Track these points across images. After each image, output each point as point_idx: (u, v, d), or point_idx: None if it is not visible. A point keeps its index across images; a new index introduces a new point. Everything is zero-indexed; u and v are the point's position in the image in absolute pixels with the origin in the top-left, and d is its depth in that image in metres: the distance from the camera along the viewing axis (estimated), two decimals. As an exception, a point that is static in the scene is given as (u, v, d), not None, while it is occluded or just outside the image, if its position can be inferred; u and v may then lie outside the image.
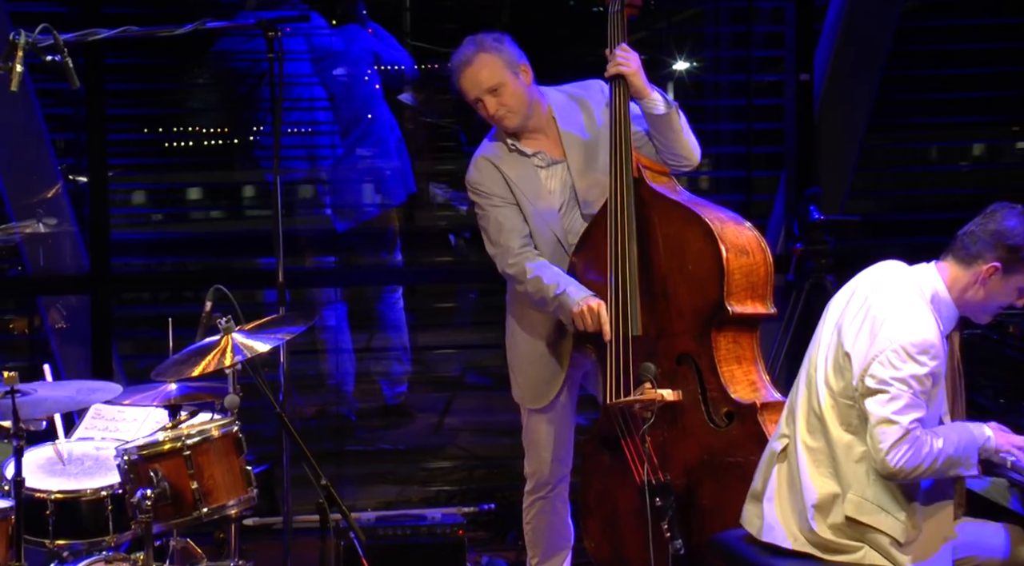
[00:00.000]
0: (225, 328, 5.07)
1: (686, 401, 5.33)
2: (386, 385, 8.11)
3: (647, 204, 5.42)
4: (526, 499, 5.86)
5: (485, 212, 5.62)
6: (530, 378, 5.71)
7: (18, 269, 7.36)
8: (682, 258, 5.37)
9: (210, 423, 5.16)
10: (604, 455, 5.54)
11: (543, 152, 5.60)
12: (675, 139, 5.49)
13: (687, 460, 5.34)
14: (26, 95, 7.07)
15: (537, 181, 5.57)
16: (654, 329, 5.38)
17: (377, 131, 8.07)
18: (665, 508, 5.17)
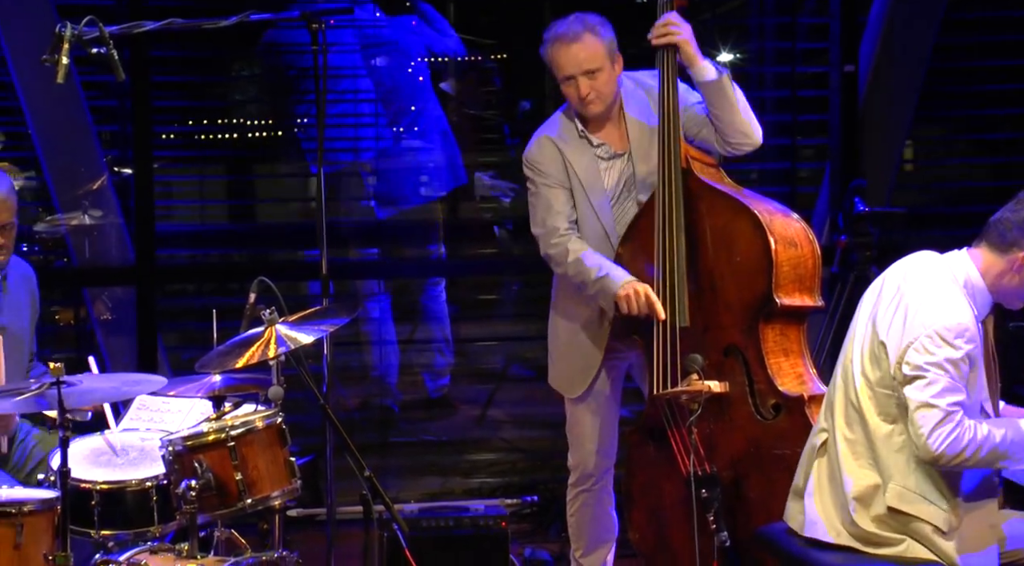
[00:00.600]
0: (269, 320, 5.07)
1: (733, 393, 5.31)
2: (428, 378, 8.11)
3: (695, 195, 5.40)
4: (570, 491, 5.85)
5: (537, 190, 5.60)
6: (565, 366, 5.69)
7: (64, 261, 7.39)
8: (730, 250, 5.35)
9: (254, 414, 5.15)
10: (649, 446, 5.52)
11: (607, 145, 5.58)
12: (731, 111, 5.43)
13: (733, 452, 5.32)
14: (72, 87, 7.10)
15: (596, 173, 5.56)
16: (701, 321, 5.37)
17: (423, 122, 8.07)
18: (711, 500, 5.16)
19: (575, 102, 5.52)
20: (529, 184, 5.64)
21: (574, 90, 5.49)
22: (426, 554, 5.53)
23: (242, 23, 5.29)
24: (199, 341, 6.57)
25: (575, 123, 5.59)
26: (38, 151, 7.30)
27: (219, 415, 5.17)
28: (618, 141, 5.59)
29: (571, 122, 5.61)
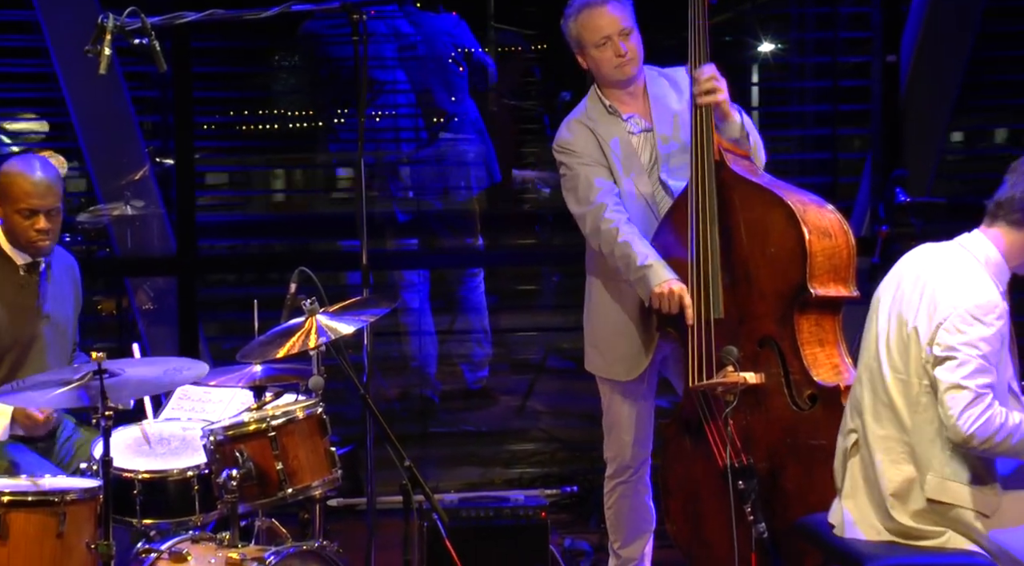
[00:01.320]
0: (310, 310, 5.07)
1: (769, 384, 5.29)
2: (467, 369, 8.12)
3: (728, 187, 5.38)
4: (607, 483, 5.83)
5: (573, 172, 5.59)
6: (620, 349, 5.65)
7: (106, 251, 7.41)
8: (764, 241, 5.33)
9: (295, 404, 5.16)
10: (686, 439, 5.51)
11: (637, 115, 5.60)
12: (744, 146, 5.51)
13: (770, 443, 5.31)
14: (114, 78, 7.13)
15: (631, 147, 5.57)
16: (736, 312, 5.35)
17: (460, 117, 8.07)
18: (748, 491, 5.15)
19: (611, 65, 5.54)
20: (563, 169, 5.63)
21: (611, 51, 5.52)
22: (466, 544, 5.53)
23: (283, 14, 5.30)
24: (240, 331, 6.58)
25: (602, 101, 5.62)
26: (81, 142, 7.33)
27: (260, 405, 5.19)
28: (645, 115, 5.62)
29: (598, 101, 5.63)
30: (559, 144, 5.64)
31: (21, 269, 5.47)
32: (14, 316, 5.44)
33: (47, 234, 5.41)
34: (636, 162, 5.57)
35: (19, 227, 5.40)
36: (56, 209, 5.45)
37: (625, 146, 5.58)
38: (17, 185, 5.40)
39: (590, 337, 5.77)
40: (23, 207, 5.38)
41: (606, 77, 5.59)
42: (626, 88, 5.61)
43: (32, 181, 5.40)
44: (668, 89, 5.65)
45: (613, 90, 5.62)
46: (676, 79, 5.66)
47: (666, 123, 5.60)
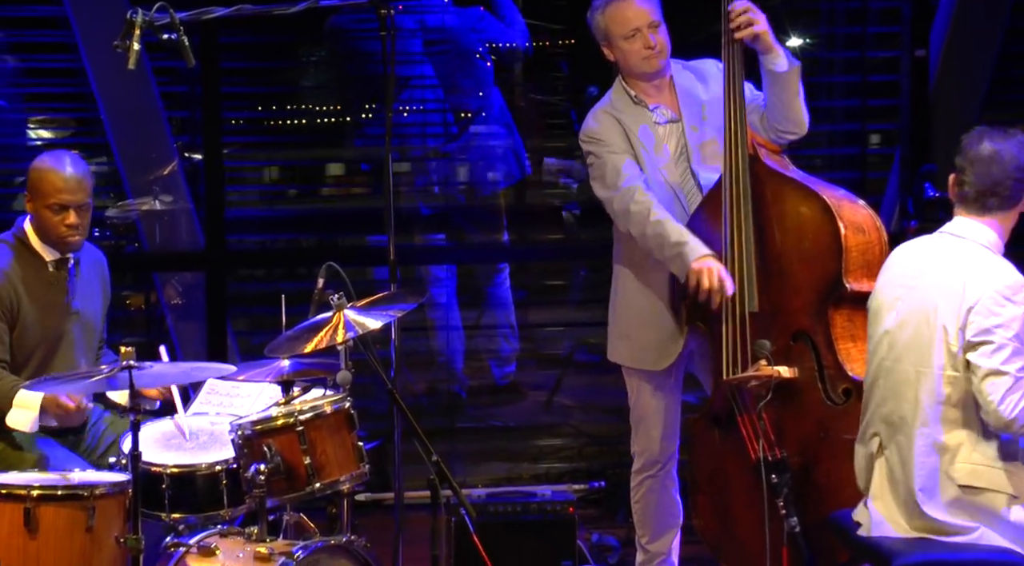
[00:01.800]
0: (337, 305, 5.07)
1: (802, 378, 5.29)
2: (495, 365, 8.11)
3: (762, 181, 5.38)
4: (634, 478, 5.82)
5: (601, 159, 5.58)
6: (648, 338, 5.64)
7: (135, 246, 7.43)
8: (799, 235, 5.33)
9: (322, 399, 5.16)
10: (715, 433, 5.50)
11: (663, 107, 5.59)
12: (790, 101, 5.45)
13: (803, 437, 5.30)
14: (143, 73, 7.14)
15: (656, 137, 5.57)
16: (769, 307, 5.34)
17: (487, 111, 8.06)
18: (781, 485, 5.14)
19: (639, 57, 5.54)
20: (590, 157, 5.63)
21: (640, 43, 5.53)
22: (493, 539, 5.53)
23: (311, 9, 5.30)
24: (268, 326, 6.59)
25: (627, 92, 5.62)
26: (109, 137, 7.34)
27: (288, 400, 5.19)
28: (671, 106, 5.62)
29: (624, 92, 5.64)
30: (585, 133, 5.64)
31: (50, 265, 5.49)
32: (43, 313, 5.45)
33: (77, 229, 5.42)
34: (663, 151, 5.58)
35: (49, 222, 5.41)
36: (86, 205, 5.46)
37: (650, 136, 5.58)
38: (48, 180, 5.41)
39: (617, 327, 5.75)
40: (53, 202, 5.39)
41: (634, 69, 5.59)
42: (653, 80, 5.61)
43: (63, 177, 5.41)
44: (695, 81, 5.65)
45: (639, 82, 5.62)
46: (703, 71, 5.67)
47: (694, 114, 5.60)
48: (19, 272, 5.42)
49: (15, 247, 5.47)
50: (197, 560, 4.99)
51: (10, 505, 4.77)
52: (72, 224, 5.40)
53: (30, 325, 5.41)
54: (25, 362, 5.42)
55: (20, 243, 5.47)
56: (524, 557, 5.80)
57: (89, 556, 4.80)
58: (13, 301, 5.38)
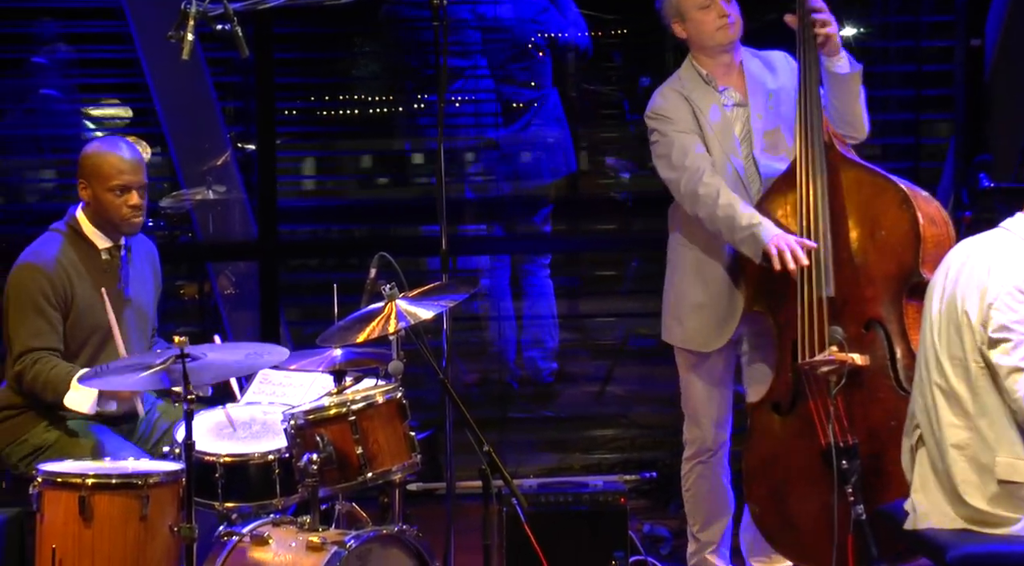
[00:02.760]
0: (389, 295, 5.06)
1: (874, 366, 5.28)
2: (541, 360, 8.10)
3: (837, 169, 5.37)
4: (685, 465, 5.81)
5: (667, 138, 5.55)
6: (702, 320, 5.64)
7: (188, 236, 7.46)
8: (874, 224, 5.33)
9: (375, 389, 5.16)
10: (774, 419, 5.48)
11: (732, 89, 5.58)
12: (851, 104, 5.46)
13: (871, 426, 5.27)
14: (197, 64, 7.16)
15: (724, 119, 5.55)
16: (840, 294, 5.33)
17: (540, 104, 8.04)
18: (851, 471, 5.12)
19: (714, 27, 5.52)
20: (654, 135, 5.60)
21: (714, 13, 5.51)
22: (545, 529, 5.52)
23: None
24: (320, 316, 6.59)
25: (697, 70, 5.60)
26: (163, 127, 7.37)
27: (340, 389, 5.19)
28: (740, 90, 5.60)
29: (694, 70, 5.62)
30: (652, 110, 5.61)
31: (103, 252, 5.51)
32: (98, 300, 5.47)
33: (140, 210, 5.45)
34: (730, 135, 5.56)
35: (111, 205, 5.43)
36: (145, 186, 5.49)
37: (719, 118, 5.56)
38: (108, 163, 5.44)
39: (673, 308, 5.74)
40: (116, 184, 5.42)
41: (708, 41, 5.56)
42: (723, 56, 5.58)
43: (123, 158, 5.44)
44: (763, 69, 5.64)
45: (710, 59, 5.60)
46: (772, 61, 5.66)
47: (760, 101, 5.58)
48: (72, 260, 5.45)
49: (67, 235, 5.49)
50: (250, 549, 5.01)
51: (65, 493, 4.80)
52: (135, 205, 5.43)
53: (83, 312, 5.44)
54: (79, 350, 5.45)
55: (72, 231, 5.50)
56: (575, 547, 5.78)
57: (143, 544, 4.82)
58: (67, 289, 5.40)
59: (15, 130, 7.82)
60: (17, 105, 7.81)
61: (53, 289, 5.37)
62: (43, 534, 4.83)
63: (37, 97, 7.83)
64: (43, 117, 7.84)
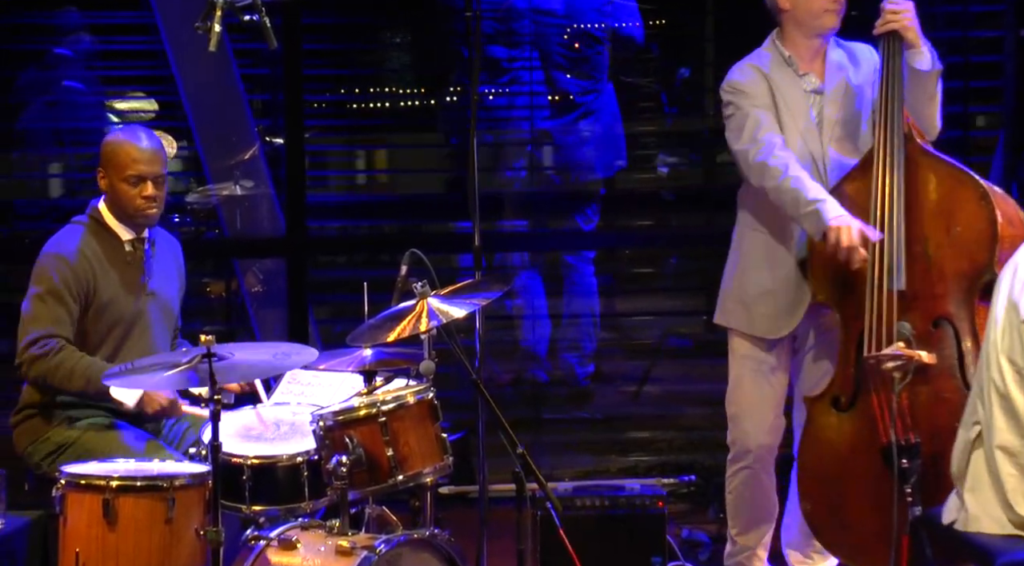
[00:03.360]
0: (421, 293, 5.06)
1: (940, 365, 5.25)
2: (576, 363, 8.09)
3: (915, 161, 5.36)
4: (729, 467, 5.78)
5: (741, 111, 5.55)
6: (769, 306, 5.62)
7: (215, 232, 7.47)
8: (950, 219, 5.31)
9: (405, 389, 5.15)
10: (832, 415, 5.46)
11: (813, 74, 5.58)
12: (928, 103, 5.46)
13: (934, 425, 5.23)
14: (224, 55, 7.17)
15: (803, 102, 5.55)
16: (911, 289, 5.31)
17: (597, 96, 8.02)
18: (911, 471, 5.08)
19: (822, 8, 5.51)
20: (729, 108, 5.59)
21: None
22: (580, 534, 5.51)
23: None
24: (350, 314, 6.60)
25: (782, 52, 5.60)
26: (190, 121, 7.38)
27: (370, 390, 5.18)
28: (820, 77, 5.61)
29: (777, 51, 5.63)
30: (729, 83, 5.61)
31: (126, 244, 5.52)
32: (120, 292, 5.48)
33: (154, 202, 5.46)
34: (806, 120, 5.55)
35: (126, 196, 5.45)
36: (162, 177, 5.49)
37: (797, 101, 5.56)
38: (123, 152, 5.45)
39: (734, 292, 5.73)
40: (130, 174, 5.43)
41: (812, 19, 5.55)
42: (815, 40, 5.59)
43: (139, 148, 5.45)
44: (847, 60, 5.64)
45: (802, 39, 5.60)
46: (856, 53, 5.65)
47: (838, 91, 5.59)
48: (95, 251, 5.46)
49: (90, 226, 5.51)
50: (278, 553, 5.00)
51: (89, 496, 4.79)
52: (149, 196, 5.43)
53: (107, 304, 5.44)
54: (100, 342, 5.46)
55: (95, 222, 5.51)
56: (612, 553, 5.77)
57: (168, 548, 4.82)
58: (89, 281, 5.41)
59: (37, 123, 7.84)
60: (39, 97, 7.83)
61: (76, 279, 5.39)
62: (66, 537, 4.83)
63: (60, 89, 7.86)
64: (66, 110, 7.86)
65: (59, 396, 5.41)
